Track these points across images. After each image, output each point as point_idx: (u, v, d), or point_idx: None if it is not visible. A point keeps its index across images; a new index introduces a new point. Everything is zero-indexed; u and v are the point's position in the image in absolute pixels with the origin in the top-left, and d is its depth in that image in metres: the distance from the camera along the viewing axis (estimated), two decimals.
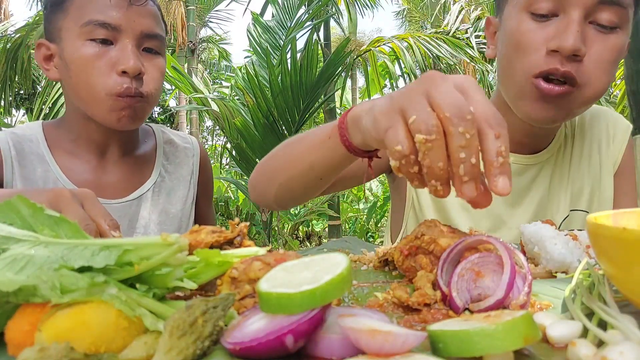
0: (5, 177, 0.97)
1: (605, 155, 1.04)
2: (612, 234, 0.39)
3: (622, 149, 1.04)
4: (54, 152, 1.03)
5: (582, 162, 1.04)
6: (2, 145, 0.98)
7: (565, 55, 0.81)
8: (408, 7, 13.21)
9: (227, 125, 3.80)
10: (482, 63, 6.42)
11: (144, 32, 0.98)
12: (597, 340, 0.36)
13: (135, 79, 0.96)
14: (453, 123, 0.42)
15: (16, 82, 5.50)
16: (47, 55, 1.02)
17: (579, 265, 0.53)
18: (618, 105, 5.95)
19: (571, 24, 0.81)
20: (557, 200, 1.03)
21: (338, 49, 3.48)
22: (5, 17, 9.73)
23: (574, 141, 1.05)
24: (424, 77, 0.48)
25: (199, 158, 1.22)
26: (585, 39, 0.81)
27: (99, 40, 0.95)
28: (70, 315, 0.35)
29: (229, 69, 12.90)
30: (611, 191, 1.03)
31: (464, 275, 0.47)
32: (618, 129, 1.05)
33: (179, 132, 1.27)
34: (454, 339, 0.33)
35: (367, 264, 0.70)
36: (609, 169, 1.04)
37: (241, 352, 0.35)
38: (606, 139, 1.05)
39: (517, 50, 0.86)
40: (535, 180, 1.03)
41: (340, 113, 7.84)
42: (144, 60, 0.99)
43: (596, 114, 1.08)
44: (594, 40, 0.82)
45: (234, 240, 0.55)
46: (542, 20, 0.84)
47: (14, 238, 0.41)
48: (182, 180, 1.17)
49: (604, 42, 0.82)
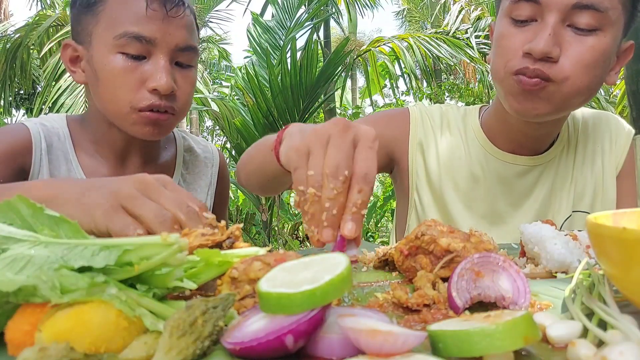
0: (33, 167, 0.95)
1: (609, 158, 1.06)
2: (612, 234, 0.39)
3: (625, 152, 1.06)
4: (77, 151, 1.01)
5: (586, 164, 1.06)
6: (34, 135, 0.96)
7: (537, 58, 0.86)
8: (408, 7, 13.21)
9: (227, 125, 3.80)
10: (482, 63, 6.42)
11: (178, 46, 0.94)
12: (597, 340, 0.36)
13: (167, 96, 0.93)
14: (329, 180, 0.52)
15: (16, 82, 5.50)
16: (73, 57, 0.98)
17: (579, 265, 0.53)
18: (618, 105, 5.95)
19: (544, 28, 0.86)
20: (559, 201, 1.04)
21: (338, 48, 3.48)
22: (5, 17, 9.73)
23: (577, 143, 1.07)
24: (333, 124, 0.56)
25: (217, 168, 1.20)
26: (561, 42, 0.86)
27: (131, 55, 0.92)
28: (70, 315, 0.35)
29: (229, 69, 12.89)
30: (614, 192, 1.05)
31: (463, 275, 0.47)
32: (620, 133, 1.08)
33: (199, 138, 1.25)
34: (454, 339, 0.33)
35: (367, 264, 0.70)
36: (612, 172, 1.06)
37: (241, 352, 0.35)
38: (609, 143, 1.07)
39: (499, 52, 0.93)
40: (538, 181, 1.04)
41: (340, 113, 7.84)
42: (176, 75, 0.96)
43: (599, 118, 1.10)
44: (570, 42, 0.86)
45: (222, 243, 0.54)
46: (522, 25, 0.89)
47: (14, 238, 0.41)
48: (200, 192, 1.16)
49: (581, 44, 0.86)
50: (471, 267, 0.48)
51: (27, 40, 5.12)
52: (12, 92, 5.62)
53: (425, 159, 1.07)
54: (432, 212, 1.06)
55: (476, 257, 0.48)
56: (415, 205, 1.08)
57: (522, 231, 0.67)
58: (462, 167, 1.05)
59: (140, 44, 0.91)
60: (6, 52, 5.16)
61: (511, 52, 0.89)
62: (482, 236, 0.57)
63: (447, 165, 1.06)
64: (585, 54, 0.86)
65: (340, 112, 7.99)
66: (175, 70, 0.96)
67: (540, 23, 0.87)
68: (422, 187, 1.07)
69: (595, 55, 0.86)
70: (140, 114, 0.92)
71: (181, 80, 0.97)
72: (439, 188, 1.06)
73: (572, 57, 0.86)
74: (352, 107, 10.31)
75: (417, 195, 1.08)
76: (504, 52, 0.91)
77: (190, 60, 0.99)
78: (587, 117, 1.10)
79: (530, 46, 0.85)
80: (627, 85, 2.93)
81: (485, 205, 1.04)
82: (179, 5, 0.94)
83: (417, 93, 7.30)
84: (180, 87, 0.97)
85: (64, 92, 4.96)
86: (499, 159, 1.04)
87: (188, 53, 0.97)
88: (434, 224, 0.57)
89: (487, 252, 0.49)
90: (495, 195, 1.04)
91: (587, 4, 0.83)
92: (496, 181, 1.04)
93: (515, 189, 1.03)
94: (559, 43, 0.85)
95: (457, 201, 1.04)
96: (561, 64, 0.86)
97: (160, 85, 0.91)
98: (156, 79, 0.91)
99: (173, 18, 0.93)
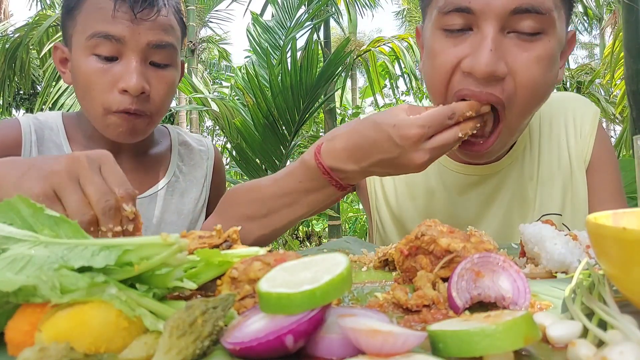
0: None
1: (575, 151, 0.98)
2: (612, 234, 0.39)
3: (591, 142, 0.97)
4: (71, 143, 1.03)
5: (552, 159, 0.98)
6: (24, 129, 0.99)
7: (480, 78, 0.75)
8: (408, 7, 13.21)
9: (227, 125, 3.80)
10: None
11: (151, 43, 0.93)
12: (597, 340, 0.36)
13: (138, 97, 0.92)
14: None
15: (15, 82, 5.50)
16: (62, 59, 1.00)
17: (579, 265, 0.53)
18: (618, 105, 5.95)
19: (484, 42, 0.74)
20: (526, 204, 0.98)
21: (338, 49, 3.47)
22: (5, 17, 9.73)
23: (541, 138, 0.99)
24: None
25: (213, 161, 1.21)
26: (505, 54, 0.75)
27: (103, 57, 0.91)
28: (70, 315, 0.35)
29: (228, 69, 12.88)
30: (585, 190, 0.97)
31: (463, 276, 0.47)
32: (585, 120, 0.98)
33: (194, 134, 1.26)
34: (454, 339, 0.33)
35: (367, 264, 0.70)
36: (581, 166, 0.98)
37: (241, 352, 0.35)
38: (574, 133, 0.99)
39: (434, 69, 0.81)
40: (500, 187, 0.98)
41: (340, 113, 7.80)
42: (150, 75, 0.94)
43: (560, 102, 1.01)
44: (515, 55, 0.75)
45: (219, 246, 0.54)
46: (456, 35, 0.78)
47: (14, 238, 0.41)
48: (196, 183, 1.16)
49: (527, 53, 0.76)
50: (471, 267, 0.48)
51: (26, 40, 5.12)
52: (11, 92, 5.61)
53: (382, 179, 1.06)
54: (392, 230, 1.04)
55: (476, 257, 0.48)
56: (377, 224, 1.07)
57: (522, 231, 0.67)
58: (419, 182, 1.02)
59: (111, 43, 0.90)
60: (5, 52, 5.16)
61: (448, 69, 0.78)
62: (483, 236, 0.57)
63: (404, 181, 1.04)
64: (533, 67, 0.76)
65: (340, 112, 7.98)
66: (149, 71, 0.94)
67: (477, 33, 0.76)
68: (381, 207, 1.06)
69: (544, 64, 0.77)
70: (113, 116, 0.92)
71: (155, 80, 0.95)
72: (397, 206, 1.04)
73: (521, 72, 0.75)
74: (352, 107, 10.31)
75: (377, 215, 1.07)
76: (440, 70, 0.80)
77: (165, 58, 0.96)
78: (549, 102, 0.90)
79: (471, 65, 0.75)
80: (627, 85, 2.93)
81: (446, 217, 0.98)
82: (150, 6, 0.93)
83: (417, 93, 7.30)
84: (154, 87, 0.94)
85: (64, 92, 4.97)
86: (453, 170, 0.99)
87: (163, 51, 0.95)
88: (434, 224, 0.57)
89: (487, 252, 0.49)
90: (455, 206, 0.99)
91: (527, 7, 0.74)
92: (454, 192, 0.99)
93: (474, 198, 0.99)
94: (503, 56, 0.75)
95: (417, 217, 1.01)
96: (510, 83, 0.76)
97: (129, 86, 0.89)
98: (125, 79, 0.90)
99: (143, 20, 0.92)
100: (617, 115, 6.22)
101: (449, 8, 0.77)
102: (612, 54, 5.86)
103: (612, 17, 7.72)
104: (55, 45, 1.01)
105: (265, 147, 3.58)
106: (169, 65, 0.98)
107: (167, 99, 0.99)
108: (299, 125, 3.59)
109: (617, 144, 6.05)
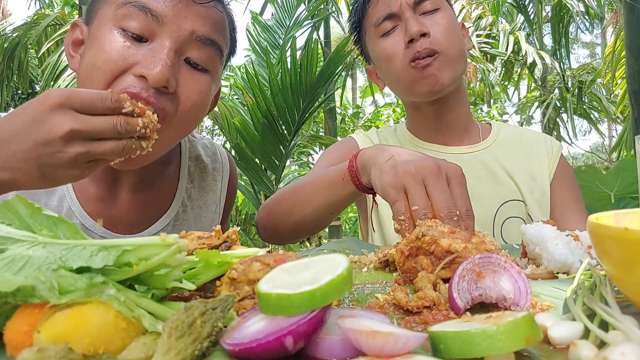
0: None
1: (545, 166, 1.19)
2: (613, 234, 0.38)
3: (556, 163, 1.20)
4: None
5: (520, 161, 1.16)
6: None
7: (416, 41, 1.04)
8: None
9: (226, 125, 3.80)
10: (483, 62, 6.42)
11: (195, 34, 0.74)
12: (598, 341, 0.36)
13: (157, 90, 0.71)
14: (444, 221, 0.60)
15: (13, 82, 5.49)
16: (76, 40, 0.82)
17: (580, 265, 0.53)
18: (619, 105, 5.95)
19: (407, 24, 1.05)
20: (497, 181, 1.13)
21: (338, 48, 3.47)
22: (4, 16, 9.72)
23: (515, 146, 1.19)
24: (422, 162, 0.66)
25: (227, 179, 1.05)
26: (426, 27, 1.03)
27: (130, 34, 0.72)
28: (68, 316, 0.35)
29: (228, 68, 12.90)
30: (548, 195, 1.15)
31: (464, 276, 0.47)
32: (554, 148, 1.22)
33: (207, 140, 1.07)
34: (455, 340, 0.33)
35: (368, 265, 0.70)
36: (546, 178, 1.18)
37: (240, 353, 0.34)
38: (546, 156, 1.20)
39: (390, 68, 1.11)
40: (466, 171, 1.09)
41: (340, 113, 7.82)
42: (182, 72, 0.74)
43: (538, 135, 1.26)
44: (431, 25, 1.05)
45: (219, 247, 0.54)
46: (387, 36, 1.09)
47: (12, 238, 0.41)
48: (207, 210, 1.01)
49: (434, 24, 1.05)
50: (472, 268, 0.48)
51: (25, 39, 5.12)
52: (9, 92, 5.61)
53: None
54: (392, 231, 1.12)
55: (477, 258, 0.48)
56: (376, 224, 1.15)
57: (523, 232, 0.67)
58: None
59: (145, 17, 0.71)
60: (4, 51, 5.16)
61: (398, 56, 1.04)
62: (485, 237, 0.56)
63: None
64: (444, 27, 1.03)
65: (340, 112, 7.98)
66: (182, 67, 0.75)
67: (401, 28, 1.04)
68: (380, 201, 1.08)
69: (449, 26, 1.05)
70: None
71: (188, 80, 0.75)
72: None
73: (438, 32, 1.02)
74: (352, 106, 10.30)
75: (378, 216, 1.14)
76: (393, 65, 1.05)
77: (206, 59, 0.77)
78: (527, 132, 1.26)
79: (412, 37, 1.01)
80: (628, 85, 2.93)
81: None
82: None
83: None
84: (183, 87, 0.75)
85: None
86: (426, 149, 1.15)
87: (206, 49, 0.76)
88: (435, 224, 0.57)
89: (488, 252, 0.49)
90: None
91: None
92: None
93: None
94: (428, 25, 1.02)
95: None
96: (432, 39, 1.02)
97: (150, 73, 0.69)
98: (148, 65, 0.70)
99: (196, 5, 0.75)
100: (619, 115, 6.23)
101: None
102: (614, 53, 5.86)
103: (614, 16, 7.73)
104: (74, 22, 0.83)
105: (265, 147, 3.58)
106: (207, 71, 0.78)
107: (195, 109, 0.77)
108: (299, 124, 3.59)
109: (618, 144, 6.05)
